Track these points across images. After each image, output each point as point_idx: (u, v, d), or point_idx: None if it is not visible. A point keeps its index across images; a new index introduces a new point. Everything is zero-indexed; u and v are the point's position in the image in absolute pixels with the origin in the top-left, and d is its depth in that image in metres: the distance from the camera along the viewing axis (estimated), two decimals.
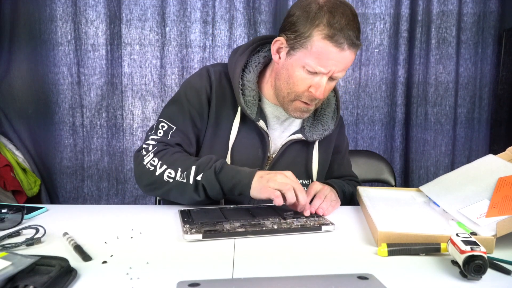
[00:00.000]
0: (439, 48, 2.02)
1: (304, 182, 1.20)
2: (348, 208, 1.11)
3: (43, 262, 0.67)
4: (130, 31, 1.98)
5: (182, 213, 0.99)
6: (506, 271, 0.72)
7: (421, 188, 1.12)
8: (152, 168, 1.02)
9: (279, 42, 1.06)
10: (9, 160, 1.91)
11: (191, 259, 0.76)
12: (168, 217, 1.00)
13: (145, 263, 0.74)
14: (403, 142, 2.11)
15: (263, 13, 1.97)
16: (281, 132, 1.18)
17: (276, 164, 1.16)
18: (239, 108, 1.12)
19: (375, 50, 2.04)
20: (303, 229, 0.90)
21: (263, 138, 1.14)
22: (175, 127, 1.08)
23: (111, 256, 0.77)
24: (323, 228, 0.91)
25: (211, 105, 1.12)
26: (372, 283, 0.63)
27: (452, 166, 2.09)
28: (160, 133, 1.08)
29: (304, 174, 1.20)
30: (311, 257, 0.78)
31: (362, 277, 0.64)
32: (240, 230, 0.87)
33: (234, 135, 1.12)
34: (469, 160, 1.89)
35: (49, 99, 2.01)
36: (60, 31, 1.96)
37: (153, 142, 1.06)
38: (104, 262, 0.74)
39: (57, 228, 0.89)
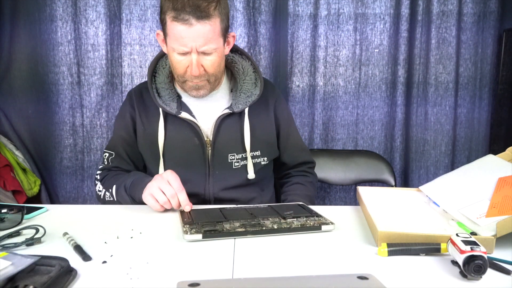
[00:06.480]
0: (439, 48, 2.02)
1: (242, 156, 1.24)
2: (348, 208, 1.11)
3: (43, 262, 0.67)
4: (130, 31, 1.98)
5: (182, 213, 0.99)
6: (506, 271, 0.72)
7: (421, 188, 1.12)
8: (100, 193, 1.24)
9: (159, 35, 1.17)
10: (9, 160, 1.91)
11: (191, 259, 0.76)
12: (168, 217, 1.01)
13: (145, 263, 0.74)
14: (403, 142, 2.10)
15: (263, 13, 1.96)
16: (211, 115, 1.23)
17: (216, 145, 1.22)
18: (160, 109, 1.21)
19: (375, 50, 2.04)
20: (303, 228, 0.90)
21: (192, 127, 1.21)
22: (114, 153, 1.27)
23: (111, 256, 0.77)
24: (323, 227, 0.91)
25: (136, 120, 1.26)
26: (372, 283, 0.62)
27: (452, 166, 2.08)
28: (104, 162, 1.29)
29: (240, 147, 1.24)
30: (311, 257, 0.78)
31: (362, 277, 0.64)
32: (240, 230, 0.87)
33: (162, 135, 1.21)
34: (469, 160, 1.89)
35: (49, 99, 2.01)
36: (60, 31, 1.95)
37: (100, 172, 1.29)
38: (104, 262, 0.74)
39: (57, 228, 0.89)
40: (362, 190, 1.13)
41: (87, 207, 1.15)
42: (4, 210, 0.93)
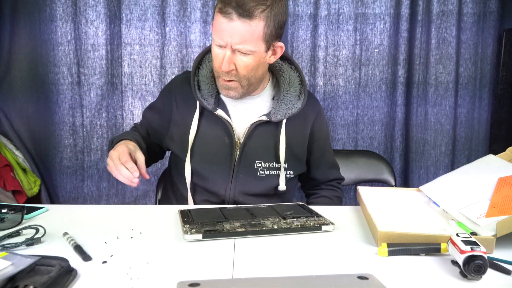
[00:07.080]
0: (439, 48, 2.02)
1: (273, 165, 1.22)
2: (348, 208, 1.11)
3: (43, 262, 0.67)
4: (130, 31, 1.98)
5: (182, 213, 0.99)
6: (506, 271, 0.72)
7: (421, 188, 1.12)
8: None
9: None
10: (9, 160, 1.91)
11: (191, 259, 0.76)
12: (168, 217, 1.01)
13: (145, 263, 0.74)
14: (403, 142, 2.10)
15: None
16: (247, 118, 1.22)
17: (245, 149, 1.20)
18: (198, 102, 1.21)
19: (375, 50, 2.04)
20: (303, 229, 0.90)
21: (226, 126, 1.19)
22: (139, 122, 1.36)
23: (111, 256, 0.77)
24: (323, 228, 0.91)
25: (172, 109, 1.26)
26: (372, 283, 0.63)
27: (452, 166, 2.08)
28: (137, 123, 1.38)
29: (273, 157, 1.22)
30: (311, 257, 0.78)
31: (362, 277, 0.64)
32: (240, 230, 0.87)
33: (194, 129, 1.20)
34: (469, 160, 1.89)
35: (49, 99, 2.00)
36: (60, 31, 1.95)
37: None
38: (104, 262, 0.74)
39: (57, 228, 0.89)
40: (362, 190, 1.13)
41: (87, 207, 1.15)
42: (4, 210, 0.93)
